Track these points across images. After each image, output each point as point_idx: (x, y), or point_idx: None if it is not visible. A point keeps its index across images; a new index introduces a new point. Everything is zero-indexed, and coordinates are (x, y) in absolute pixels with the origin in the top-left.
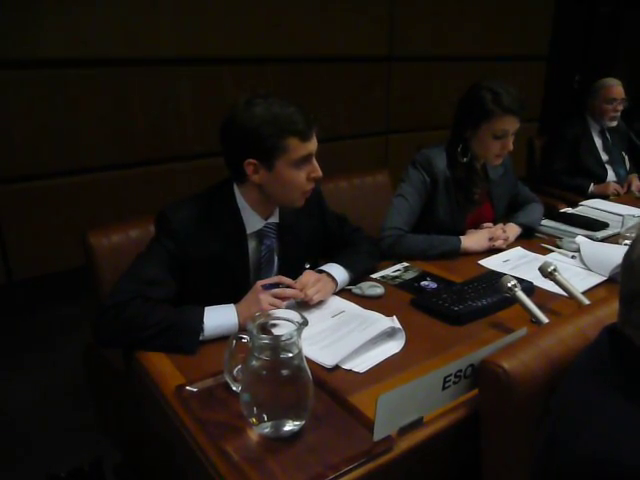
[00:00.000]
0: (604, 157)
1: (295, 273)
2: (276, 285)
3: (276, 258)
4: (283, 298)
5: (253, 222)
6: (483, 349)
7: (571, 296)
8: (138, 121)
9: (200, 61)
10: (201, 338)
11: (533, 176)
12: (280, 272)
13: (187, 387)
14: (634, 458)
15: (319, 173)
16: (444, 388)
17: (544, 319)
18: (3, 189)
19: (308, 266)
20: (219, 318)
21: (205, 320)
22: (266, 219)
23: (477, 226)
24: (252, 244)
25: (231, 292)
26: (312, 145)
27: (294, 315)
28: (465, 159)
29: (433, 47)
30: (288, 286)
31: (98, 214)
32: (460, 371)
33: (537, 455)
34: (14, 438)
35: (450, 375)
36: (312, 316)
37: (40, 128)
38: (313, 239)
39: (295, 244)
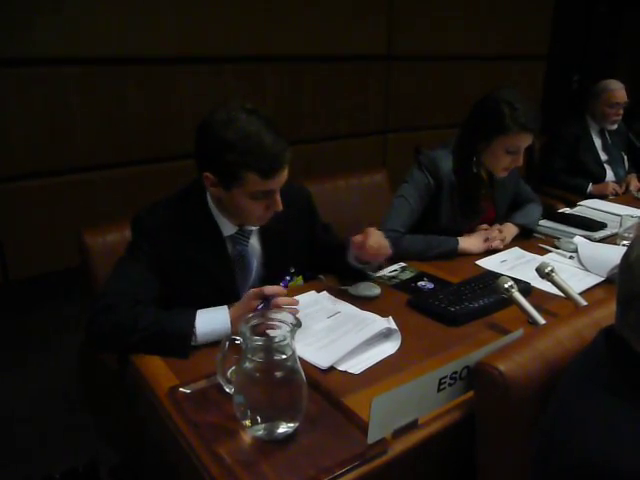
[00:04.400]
0: (603, 157)
1: (280, 277)
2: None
3: (255, 263)
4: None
5: (226, 227)
6: (479, 351)
7: (568, 297)
8: (135, 120)
9: (198, 60)
10: (193, 343)
11: (532, 176)
12: (264, 276)
13: (180, 388)
14: (631, 462)
15: (279, 208)
16: (439, 390)
17: (541, 320)
18: None
19: (293, 270)
20: (212, 322)
21: (197, 324)
22: (240, 225)
23: (476, 228)
24: (230, 247)
25: (215, 295)
26: (275, 183)
27: (287, 317)
28: (476, 170)
29: (432, 46)
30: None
31: (95, 213)
32: (455, 373)
33: (534, 458)
34: (9, 438)
35: (445, 377)
36: (308, 317)
37: (36, 127)
38: (300, 244)
39: (279, 248)
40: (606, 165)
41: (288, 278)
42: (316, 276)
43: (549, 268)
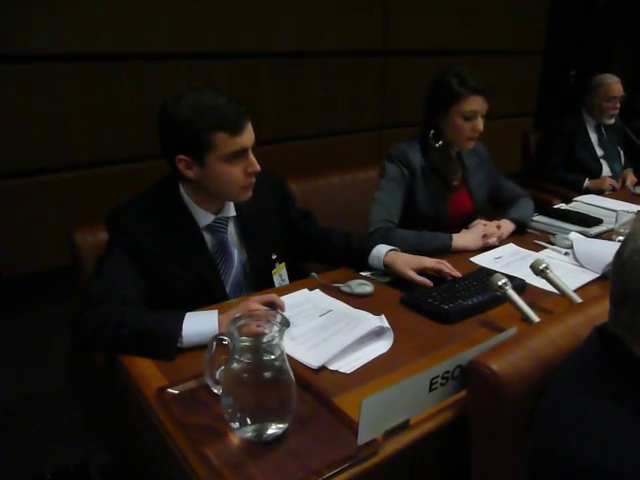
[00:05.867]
0: (599, 152)
1: (264, 265)
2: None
3: (236, 252)
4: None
5: (202, 218)
6: (471, 350)
7: (563, 294)
8: (128, 117)
9: (193, 56)
10: (179, 345)
11: (528, 171)
12: (246, 265)
13: (168, 389)
14: (623, 464)
15: (256, 168)
16: (431, 390)
17: (535, 318)
18: None
19: (275, 257)
20: (199, 324)
21: (184, 326)
22: (216, 214)
23: (457, 215)
24: (207, 237)
25: (200, 287)
26: (245, 139)
27: (276, 316)
28: (438, 144)
29: (428, 42)
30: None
31: (91, 211)
32: (448, 372)
33: (528, 458)
34: (0, 437)
35: (437, 377)
36: (300, 315)
37: (30, 124)
38: (277, 229)
39: (258, 235)
40: (602, 160)
41: None
42: (302, 267)
43: (543, 265)
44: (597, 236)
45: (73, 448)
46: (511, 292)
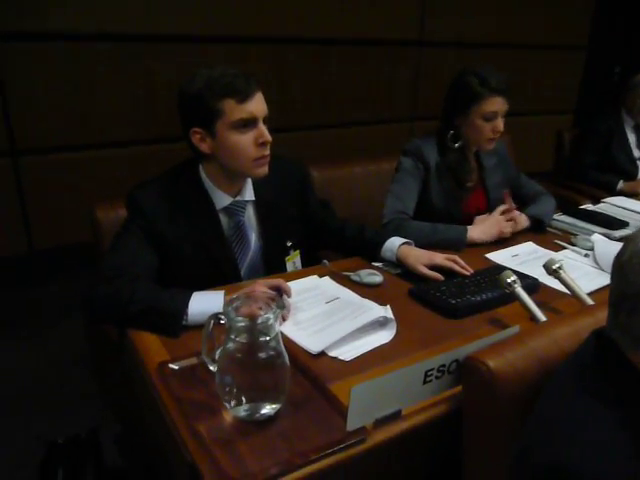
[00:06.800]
0: (636, 154)
1: (278, 251)
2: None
3: (254, 236)
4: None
5: (220, 199)
6: (470, 345)
7: (575, 296)
8: (161, 97)
9: (226, 39)
10: (184, 323)
11: (561, 170)
12: (262, 250)
13: (169, 364)
14: (602, 468)
15: (267, 137)
16: (425, 382)
17: (542, 318)
18: (26, 160)
19: (290, 244)
20: (204, 304)
21: (191, 304)
22: (234, 196)
23: (472, 214)
24: (224, 220)
25: (213, 269)
26: (253, 107)
27: (273, 298)
28: (456, 145)
29: (466, 33)
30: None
31: (120, 188)
32: (443, 366)
33: (515, 457)
34: (21, 404)
35: (432, 370)
36: (306, 301)
37: (64, 101)
38: (294, 217)
39: (275, 221)
40: (639, 162)
41: None
42: (317, 255)
43: (557, 265)
44: (621, 239)
45: (89, 416)
46: (519, 290)
